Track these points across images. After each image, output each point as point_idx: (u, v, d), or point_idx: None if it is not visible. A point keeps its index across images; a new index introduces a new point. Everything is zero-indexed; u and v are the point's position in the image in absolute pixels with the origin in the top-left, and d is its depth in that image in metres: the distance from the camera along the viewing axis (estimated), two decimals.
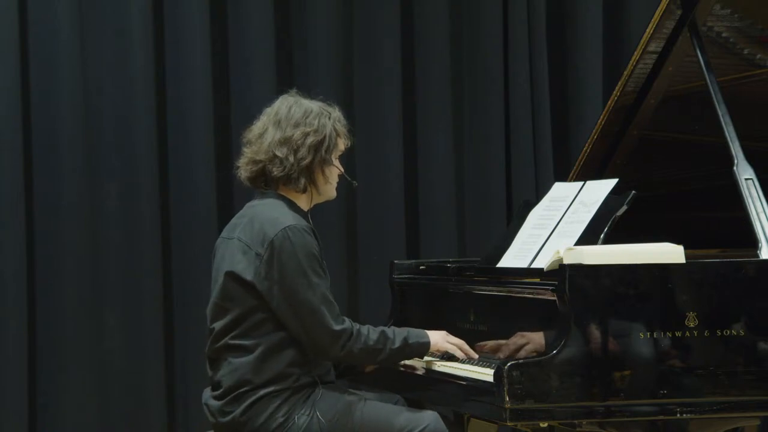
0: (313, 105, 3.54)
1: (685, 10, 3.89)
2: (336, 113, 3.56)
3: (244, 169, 3.55)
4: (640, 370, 3.23)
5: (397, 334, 3.50)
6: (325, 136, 3.49)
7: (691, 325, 3.25)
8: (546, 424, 3.24)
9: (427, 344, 3.54)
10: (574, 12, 5.77)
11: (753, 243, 3.46)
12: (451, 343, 3.58)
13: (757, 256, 3.42)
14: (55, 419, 4.91)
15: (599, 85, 5.71)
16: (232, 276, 3.43)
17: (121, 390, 4.97)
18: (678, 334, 3.25)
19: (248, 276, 3.40)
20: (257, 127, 3.56)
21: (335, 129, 3.53)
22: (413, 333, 3.54)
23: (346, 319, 3.44)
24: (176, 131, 5.12)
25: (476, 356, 3.58)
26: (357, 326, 3.45)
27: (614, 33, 5.80)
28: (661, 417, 3.24)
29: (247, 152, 3.54)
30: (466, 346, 3.60)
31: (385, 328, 3.51)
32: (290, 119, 3.50)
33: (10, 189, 4.83)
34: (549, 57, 5.70)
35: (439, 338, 3.57)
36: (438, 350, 3.58)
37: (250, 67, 5.21)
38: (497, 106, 5.63)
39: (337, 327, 3.40)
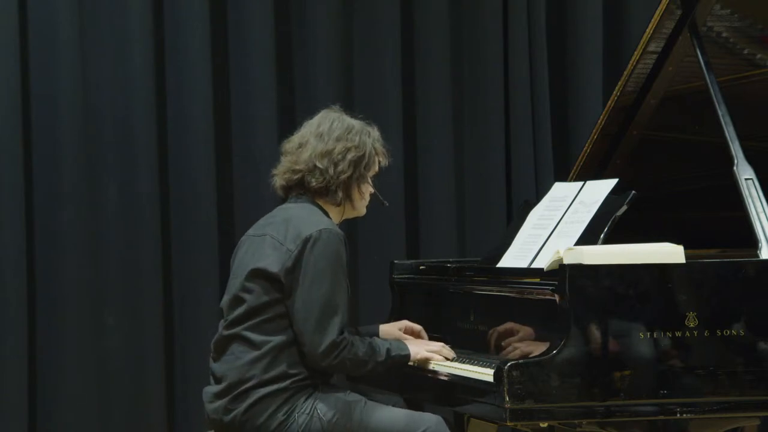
0: (355, 122, 3.60)
1: (685, 10, 3.89)
2: (376, 133, 3.62)
3: (281, 178, 3.59)
4: (640, 370, 3.23)
5: (381, 346, 3.51)
6: (365, 153, 3.55)
7: (691, 325, 3.25)
8: (546, 424, 3.24)
9: (407, 356, 3.56)
10: (574, 12, 5.76)
11: (753, 243, 3.47)
12: (431, 351, 3.60)
13: (757, 256, 3.42)
14: (55, 419, 4.90)
15: (599, 85, 5.70)
16: (257, 272, 3.43)
17: (121, 390, 4.97)
18: (678, 334, 3.25)
19: (275, 269, 3.40)
20: (297, 137, 3.60)
21: (374, 148, 3.59)
22: (395, 345, 3.55)
23: (345, 329, 3.45)
24: (176, 131, 5.11)
25: (453, 355, 3.60)
26: (350, 336, 3.45)
27: (614, 33, 5.79)
28: (661, 417, 3.24)
29: (285, 161, 3.58)
30: (445, 351, 3.62)
31: (371, 340, 3.51)
32: (332, 133, 3.54)
33: (9, 188, 4.83)
34: (549, 57, 5.70)
35: (418, 348, 3.59)
36: (418, 360, 3.59)
37: (250, 67, 5.20)
38: (497, 106, 5.63)
39: (338, 338, 3.40)
